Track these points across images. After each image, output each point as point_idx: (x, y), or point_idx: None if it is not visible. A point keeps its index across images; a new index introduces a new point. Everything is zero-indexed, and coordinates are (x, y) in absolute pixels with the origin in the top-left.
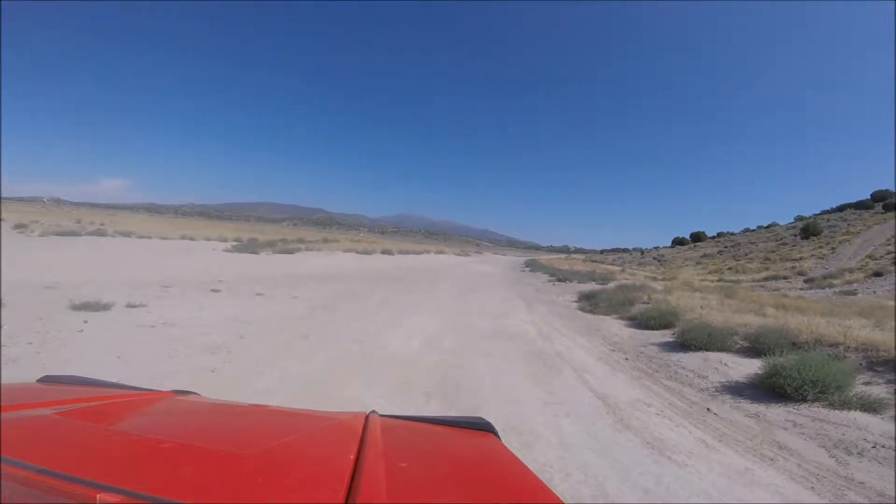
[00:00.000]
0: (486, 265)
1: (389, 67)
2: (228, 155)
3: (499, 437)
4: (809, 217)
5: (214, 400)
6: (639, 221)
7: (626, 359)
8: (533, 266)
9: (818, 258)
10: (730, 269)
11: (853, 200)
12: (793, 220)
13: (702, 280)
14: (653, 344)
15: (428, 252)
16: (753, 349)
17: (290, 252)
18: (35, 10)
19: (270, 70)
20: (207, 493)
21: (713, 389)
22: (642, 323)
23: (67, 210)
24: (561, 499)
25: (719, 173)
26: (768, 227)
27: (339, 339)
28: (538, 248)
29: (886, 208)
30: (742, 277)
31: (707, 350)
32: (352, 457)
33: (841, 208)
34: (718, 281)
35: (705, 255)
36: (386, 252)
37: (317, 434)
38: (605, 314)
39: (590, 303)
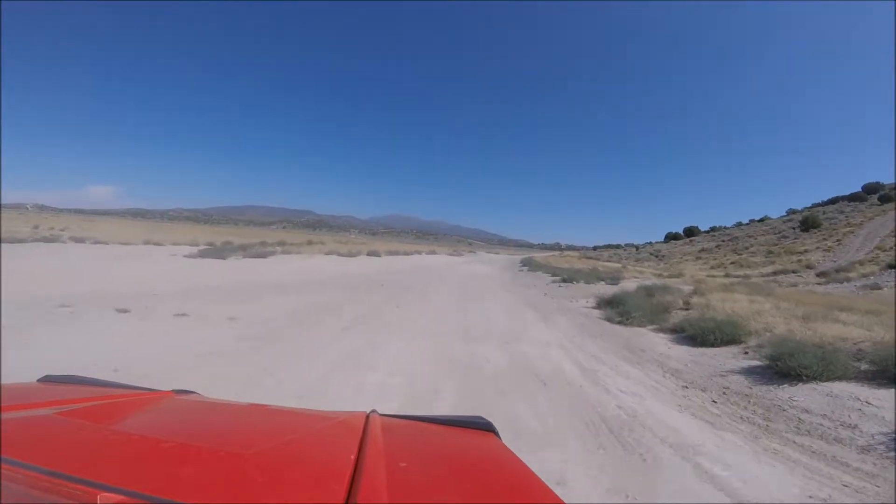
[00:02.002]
0: (481, 265)
1: (380, 69)
2: (219, 159)
3: (499, 436)
4: (802, 210)
5: (215, 400)
6: (628, 217)
7: (713, 401)
8: (530, 265)
9: (824, 251)
10: (732, 263)
11: (840, 194)
12: (785, 214)
13: (707, 276)
14: (730, 371)
15: (419, 252)
16: (882, 374)
17: (264, 256)
18: (19, 11)
19: (260, 73)
20: (208, 492)
21: (881, 447)
22: (694, 338)
23: (46, 217)
24: (561, 499)
25: (706, 168)
26: (761, 220)
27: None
28: (530, 247)
29: (883, 200)
30: (748, 272)
31: (821, 380)
32: (352, 456)
33: (833, 201)
34: (725, 276)
35: (703, 250)
36: (372, 254)
37: (317, 433)
38: (639, 325)
39: (616, 311)
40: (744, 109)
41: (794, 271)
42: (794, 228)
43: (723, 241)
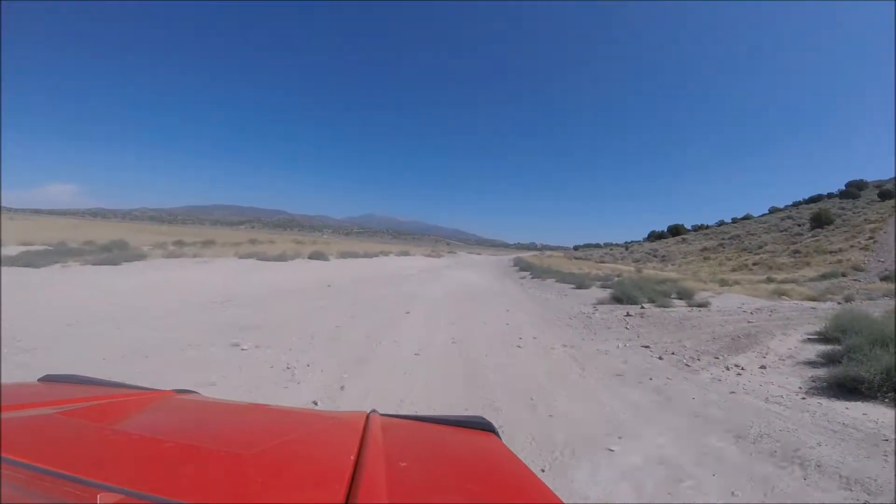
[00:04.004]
0: (467, 270)
1: (359, 68)
2: (187, 158)
3: (499, 436)
4: (784, 208)
5: (215, 399)
6: (605, 217)
7: None
8: (530, 269)
9: (861, 249)
10: (755, 264)
11: (812, 193)
12: (767, 211)
13: (737, 281)
14: None
15: (386, 254)
16: None
17: (115, 263)
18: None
19: (231, 71)
20: (208, 492)
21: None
22: None
23: None
24: (561, 499)
25: (679, 169)
26: (744, 217)
27: None
28: (506, 246)
29: (884, 196)
30: (786, 276)
31: None
32: (352, 456)
33: (815, 199)
34: (768, 281)
35: (706, 249)
36: (316, 256)
37: (317, 433)
38: None
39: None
40: (719, 110)
41: (843, 274)
42: (799, 225)
43: (725, 239)
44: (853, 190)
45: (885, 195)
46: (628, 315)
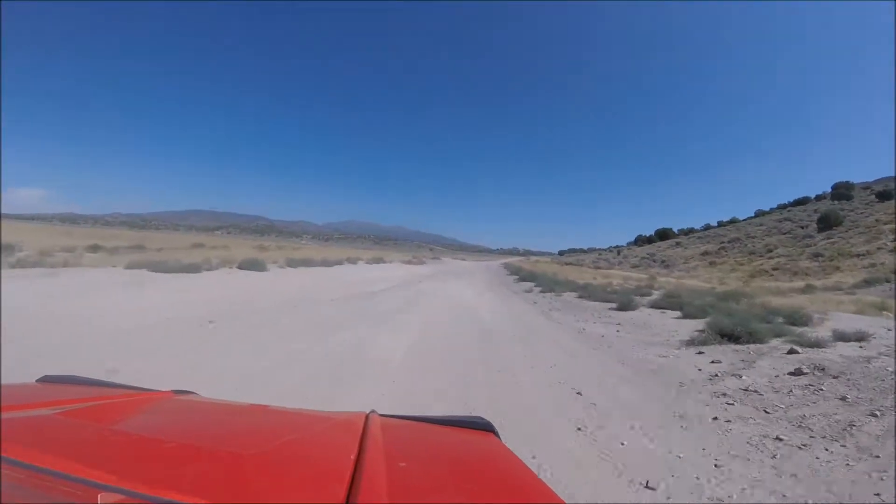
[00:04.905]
0: (457, 281)
1: (339, 74)
2: (165, 163)
3: (499, 436)
4: (769, 211)
5: (215, 400)
6: (587, 222)
7: None
8: (528, 277)
9: (889, 252)
10: (774, 269)
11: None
12: (753, 215)
13: (771, 291)
14: None
15: (356, 260)
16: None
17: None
18: None
19: (209, 73)
20: (208, 492)
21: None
22: None
23: None
24: (562, 499)
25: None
26: (731, 221)
27: None
28: (489, 252)
29: (881, 197)
30: (812, 282)
31: None
32: (352, 456)
33: (802, 201)
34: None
35: (707, 253)
36: (249, 266)
37: (317, 434)
38: None
39: None
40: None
41: (887, 280)
42: (802, 227)
43: (724, 242)
44: (843, 191)
45: (884, 195)
46: (809, 386)
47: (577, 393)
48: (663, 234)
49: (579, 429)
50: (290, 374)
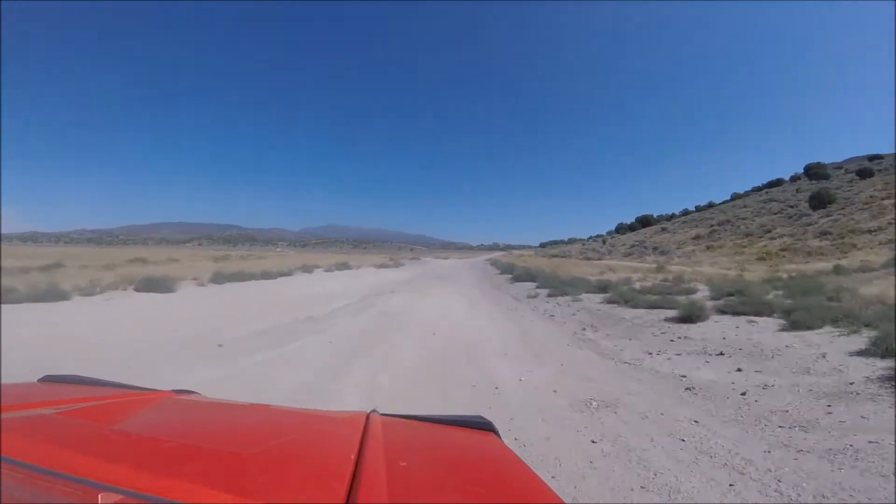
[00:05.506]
0: (444, 289)
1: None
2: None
3: (499, 435)
4: (744, 194)
5: (214, 400)
6: (565, 213)
7: None
8: (524, 276)
9: None
10: (783, 250)
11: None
12: (730, 198)
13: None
14: None
15: (312, 269)
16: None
17: None
18: None
19: (173, 77)
20: (208, 492)
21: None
22: None
23: None
24: (562, 499)
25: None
26: (709, 205)
27: None
28: (470, 249)
29: (862, 175)
30: (851, 262)
31: None
32: (353, 456)
33: (776, 183)
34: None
35: (699, 237)
36: (149, 287)
37: (317, 433)
38: None
39: None
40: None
41: None
42: (792, 206)
43: (714, 225)
44: (819, 171)
45: (864, 173)
46: None
47: None
48: (645, 221)
49: None
50: None
